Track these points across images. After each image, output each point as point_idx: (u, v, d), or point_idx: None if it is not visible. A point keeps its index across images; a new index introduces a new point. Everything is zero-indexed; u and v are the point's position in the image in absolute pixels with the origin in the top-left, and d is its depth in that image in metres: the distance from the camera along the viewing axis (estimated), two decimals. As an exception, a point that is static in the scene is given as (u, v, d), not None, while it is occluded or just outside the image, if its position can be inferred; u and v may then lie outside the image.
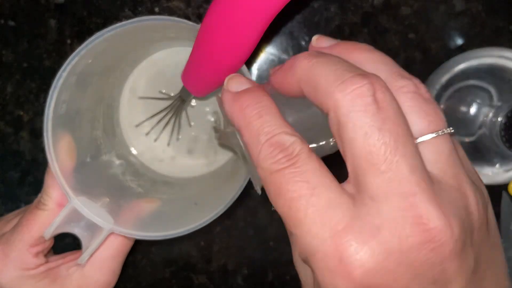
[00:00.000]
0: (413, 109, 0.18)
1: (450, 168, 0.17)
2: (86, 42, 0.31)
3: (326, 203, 0.16)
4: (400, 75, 0.18)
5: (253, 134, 0.19)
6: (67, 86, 0.32)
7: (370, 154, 0.16)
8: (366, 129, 0.16)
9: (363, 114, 0.16)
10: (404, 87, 0.18)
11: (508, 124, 0.35)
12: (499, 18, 0.41)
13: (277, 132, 0.18)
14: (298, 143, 0.18)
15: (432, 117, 0.18)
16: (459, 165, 0.18)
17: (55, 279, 0.33)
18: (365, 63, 0.19)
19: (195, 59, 0.31)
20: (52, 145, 0.31)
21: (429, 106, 0.18)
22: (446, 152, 0.17)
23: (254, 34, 0.27)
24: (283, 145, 0.18)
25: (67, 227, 0.32)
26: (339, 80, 0.17)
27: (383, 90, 0.17)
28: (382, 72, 0.18)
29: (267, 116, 0.19)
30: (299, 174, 0.17)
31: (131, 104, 0.42)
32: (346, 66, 0.18)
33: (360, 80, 0.17)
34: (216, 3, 0.27)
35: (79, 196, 0.31)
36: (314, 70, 0.18)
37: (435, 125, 0.18)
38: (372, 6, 0.41)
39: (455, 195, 0.17)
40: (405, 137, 0.16)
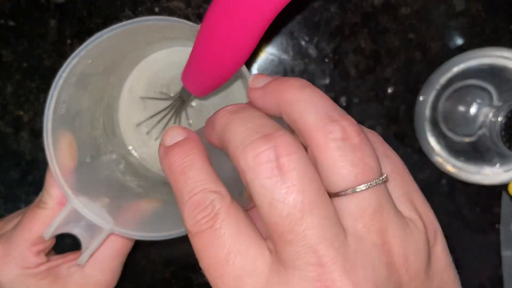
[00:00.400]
0: (338, 160, 0.16)
1: (374, 224, 0.16)
2: (86, 43, 0.31)
3: (240, 271, 0.16)
4: (329, 118, 0.17)
5: (178, 193, 0.18)
6: (67, 86, 0.32)
7: (275, 225, 0.16)
8: (270, 199, 0.16)
9: (266, 183, 0.16)
10: (331, 133, 0.17)
11: (508, 124, 0.35)
12: (499, 18, 0.41)
13: (197, 191, 0.18)
14: (218, 201, 0.17)
15: (359, 169, 0.16)
16: (387, 219, 0.17)
17: (56, 278, 0.33)
18: (294, 104, 0.18)
19: (195, 59, 0.31)
20: (52, 146, 0.31)
21: (357, 155, 0.16)
22: (373, 206, 0.16)
23: (254, 34, 0.27)
24: (202, 205, 0.17)
25: (67, 227, 0.32)
26: (243, 144, 0.16)
27: (287, 153, 0.16)
28: (310, 115, 0.17)
29: (191, 172, 0.18)
30: (216, 239, 0.17)
31: (131, 104, 0.42)
32: (256, 125, 0.17)
33: (263, 144, 0.16)
34: (216, 3, 0.27)
35: (79, 196, 0.31)
36: (226, 130, 0.18)
37: (362, 177, 0.16)
38: (372, 6, 0.41)
39: (376, 254, 0.16)
40: (313, 204, 0.16)
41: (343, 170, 0.16)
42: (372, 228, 0.16)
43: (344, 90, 0.42)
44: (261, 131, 0.17)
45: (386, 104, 0.42)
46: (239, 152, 0.16)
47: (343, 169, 0.16)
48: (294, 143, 0.16)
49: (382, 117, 0.42)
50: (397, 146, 0.42)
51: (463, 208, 0.43)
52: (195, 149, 0.19)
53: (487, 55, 0.39)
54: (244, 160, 0.16)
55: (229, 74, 0.31)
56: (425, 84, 0.41)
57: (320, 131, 0.17)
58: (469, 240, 0.44)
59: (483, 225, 0.43)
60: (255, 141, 0.16)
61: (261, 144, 0.16)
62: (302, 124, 0.17)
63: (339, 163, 0.16)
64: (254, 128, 0.17)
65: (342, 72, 0.42)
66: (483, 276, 0.44)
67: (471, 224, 0.43)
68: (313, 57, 0.41)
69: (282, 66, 0.42)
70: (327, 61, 0.42)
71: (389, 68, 0.41)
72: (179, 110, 0.40)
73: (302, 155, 0.16)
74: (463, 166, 0.41)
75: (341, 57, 0.41)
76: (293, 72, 0.42)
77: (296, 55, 0.41)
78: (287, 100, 0.18)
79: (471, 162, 0.41)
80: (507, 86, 0.40)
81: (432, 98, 0.41)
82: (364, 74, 0.42)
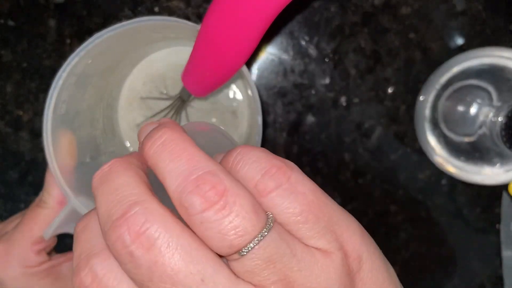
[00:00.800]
0: (208, 234, 0.16)
1: (271, 278, 0.16)
2: (86, 43, 0.31)
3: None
4: (184, 186, 0.16)
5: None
6: (66, 86, 0.32)
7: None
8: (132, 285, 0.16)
9: (127, 268, 0.16)
10: (189, 208, 0.16)
11: (508, 124, 0.35)
12: (499, 18, 0.41)
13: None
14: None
15: (232, 236, 0.16)
16: (284, 266, 0.16)
17: (57, 277, 0.33)
18: (154, 164, 0.17)
19: (195, 60, 0.31)
20: (51, 145, 0.31)
21: (226, 222, 0.16)
22: (260, 263, 0.16)
23: (255, 34, 0.27)
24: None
25: (67, 227, 0.32)
26: (109, 221, 0.16)
27: (141, 241, 0.15)
28: (167, 182, 0.17)
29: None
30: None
31: (131, 104, 0.42)
32: (124, 198, 0.16)
33: (120, 228, 0.16)
34: (216, 3, 0.27)
35: (79, 196, 0.31)
36: (96, 197, 0.17)
37: (239, 242, 0.16)
38: (372, 6, 0.41)
39: None
40: (206, 271, 0.15)
41: (215, 243, 0.16)
42: (271, 282, 0.16)
43: (344, 90, 0.42)
44: (123, 207, 0.16)
45: (386, 104, 0.42)
46: (106, 230, 0.16)
47: (215, 242, 0.16)
48: (156, 220, 0.16)
49: (382, 117, 0.42)
50: (397, 146, 0.42)
51: (463, 208, 0.43)
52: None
53: (487, 55, 0.39)
54: (108, 241, 0.16)
55: (230, 74, 0.31)
56: (425, 84, 0.41)
57: (180, 207, 0.16)
58: (469, 240, 0.44)
59: (483, 225, 0.43)
60: (114, 223, 0.16)
61: (118, 227, 0.16)
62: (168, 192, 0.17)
63: (210, 237, 0.16)
64: (120, 202, 0.16)
65: (342, 72, 0.42)
66: (483, 276, 0.44)
67: (471, 224, 0.43)
68: (313, 57, 0.41)
69: (282, 66, 0.42)
70: (327, 61, 0.41)
71: (389, 68, 0.41)
72: (179, 110, 0.40)
73: (161, 231, 0.16)
74: (463, 166, 0.41)
75: (341, 57, 0.41)
76: (293, 72, 0.42)
77: (296, 55, 0.41)
78: (146, 157, 0.18)
79: (471, 162, 0.41)
80: (507, 86, 0.40)
81: (432, 98, 0.41)
82: (364, 74, 0.42)
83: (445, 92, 0.40)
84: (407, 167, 0.42)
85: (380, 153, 0.42)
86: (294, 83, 0.42)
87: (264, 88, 0.42)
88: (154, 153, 0.17)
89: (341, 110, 0.42)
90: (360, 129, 0.42)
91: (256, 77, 0.42)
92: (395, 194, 0.43)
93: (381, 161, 0.42)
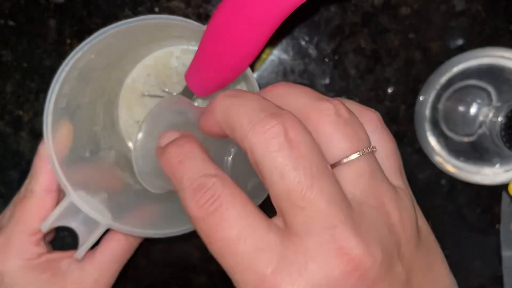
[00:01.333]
0: (333, 132, 0.18)
1: (371, 189, 0.18)
2: (90, 38, 0.31)
3: (253, 247, 0.17)
4: (319, 99, 0.19)
5: (177, 182, 0.19)
6: (68, 80, 0.32)
7: (288, 194, 0.17)
8: (281, 169, 0.17)
9: (276, 155, 0.17)
10: (324, 110, 0.18)
11: (508, 124, 0.35)
12: (499, 18, 0.41)
13: (197, 176, 0.18)
14: (219, 184, 0.18)
15: (353, 139, 0.18)
16: (381, 184, 0.18)
17: (56, 273, 0.33)
18: (285, 96, 0.19)
19: (201, 60, 0.31)
20: (51, 138, 0.31)
21: (349, 128, 0.18)
22: (367, 172, 0.18)
23: (262, 36, 0.27)
24: (204, 188, 0.18)
25: (65, 220, 0.32)
26: (251, 122, 0.17)
27: (294, 128, 0.17)
28: (302, 99, 0.19)
29: (188, 160, 0.19)
30: (224, 220, 0.17)
31: (132, 101, 0.42)
32: (259, 105, 0.18)
33: (271, 120, 0.17)
34: (225, 4, 0.27)
35: (77, 190, 0.31)
36: (229, 111, 0.19)
37: (355, 146, 0.18)
38: (372, 6, 0.41)
39: (377, 216, 0.17)
40: (320, 171, 0.17)
41: (338, 141, 0.18)
42: (370, 192, 0.18)
43: (344, 90, 0.42)
44: (267, 110, 0.18)
45: (386, 104, 0.42)
46: (247, 130, 0.17)
47: (338, 140, 0.18)
48: (298, 120, 0.18)
49: (382, 117, 0.42)
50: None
51: (463, 208, 0.43)
52: (190, 141, 0.20)
53: (487, 55, 0.39)
54: (254, 136, 0.17)
55: (235, 76, 0.31)
56: (425, 84, 0.41)
57: (314, 109, 0.18)
58: (469, 240, 0.44)
59: (483, 225, 0.43)
60: (263, 118, 0.17)
61: (269, 120, 0.17)
62: (300, 104, 0.19)
63: (335, 135, 0.18)
64: (260, 108, 0.18)
65: (342, 72, 0.42)
66: (483, 276, 0.44)
67: (471, 224, 0.43)
68: (313, 57, 0.41)
69: (282, 66, 0.42)
70: (327, 61, 0.42)
71: (389, 68, 0.41)
72: (179, 110, 0.40)
73: (306, 130, 0.17)
74: (463, 166, 0.41)
75: (341, 57, 0.41)
76: (293, 72, 0.42)
77: (296, 55, 0.41)
78: (277, 94, 0.20)
79: (471, 162, 0.41)
80: (507, 86, 0.40)
81: (432, 98, 0.41)
82: (364, 74, 0.42)
83: (445, 92, 0.40)
84: (407, 167, 0.42)
85: (380, 153, 0.42)
86: (294, 83, 0.42)
87: (264, 88, 0.42)
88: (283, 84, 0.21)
89: (341, 110, 0.42)
90: (360, 129, 0.42)
91: (256, 77, 0.42)
92: (395, 194, 0.43)
93: (381, 161, 0.42)
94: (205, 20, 0.41)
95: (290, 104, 0.19)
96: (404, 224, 0.18)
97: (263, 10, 0.25)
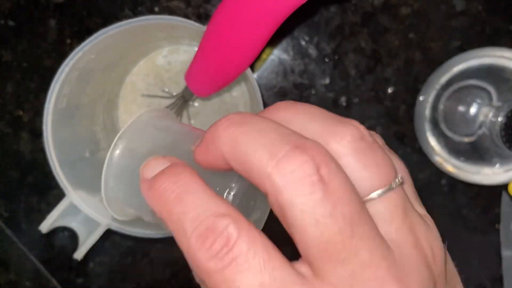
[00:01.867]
0: (360, 162, 0.15)
1: (405, 224, 0.16)
2: (90, 38, 0.31)
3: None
4: (337, 121, 0.16)
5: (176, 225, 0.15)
6: (69, 80, 0.32)
7: (325, 244, 0.14)
8: (315, 216, 0.14)
9: (309, 199, 0.14)
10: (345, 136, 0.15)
11: (508, 124, 0.35)
12: (499, 18, 0.41)
13: (204, 217, 0.15)
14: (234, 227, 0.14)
15: (382, 169, 0.15)
16: (413, 218, 0.16)
17: None
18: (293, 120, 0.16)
19: (201, 60, 0.31)
20: (51, 139, 0.31)
21: (377, 156, 0.16)
22: (401, 206, 0.16)
23: (262, 37, 0.27)
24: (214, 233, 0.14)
25: (64, 221, 0.32)
26: (274, 158, 0.14)
27: (327, 163, 0.14)
28: (315, 123, 0.16)
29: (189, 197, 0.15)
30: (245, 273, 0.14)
31: (132, 101, 0.42)
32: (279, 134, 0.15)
33: (300, 156, 0.14)
34: (225, 4, 0.27)
35: (77, 190, 0.32)
36: (240, 144, 0.15)
37: (385, 177, 0.15)
38: (372, 6, 0.41)
39: (415, 254, 0.15)
40: (359, 214, 0.14)
41: (368, 173, 0.15)
42: (405, 230, 0.16)
43: (344, 90, 0.42)
44: (290, 141, 0.14)
45: (386, 104, 0.42)
46: (269, 168, 0.14)
47: (367, 172, 0.15)
48: (327, 152, 0.15)
49: (382, 117, 0.42)
50: (397, 146, 0.42)
51: (463, 208, 0.43)
52: (187, 170, 0.16)
53: (487, 55, 0.39)
54: (279, 176, 0.14)
55: (234, 76, 0.31)
56: (425, 84, 0.41)
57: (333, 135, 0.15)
58: (469, 240, 0.44)
59: (483, 225, 0.43)
60: (288, 153, 0.14)
61: (296, 156, 0.14)
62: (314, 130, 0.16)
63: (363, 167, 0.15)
64: (280, 138, 0.15)
65: (342, 72, 0.42)
66: (483, 276, 0.44)
67: (471, 224, 0.43)
68: (313, 57, 0.41)
69: (282, 66, 0.42)
70: (327, 61, 0.42)
71: (389, 68, 0.41)
72: (180, 110, 0.40)
73: (338, 165, 0.15)
74: (463, 166, 0.41)
75: (341, 57, 0.41)
76: (293, 72, 0.42)
77: (296, 55, 0.41)
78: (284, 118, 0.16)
79: (471, 162, 0.41)
80: (507, 86, 0.40)
81: (432, 98, 0.41)
82: (364, 74, 0.42)
83: (445, 92, 0.40)
84: (407, 167, 0.42)
85: (380, 153, 0.42)
86: (294, 83, 0.42)
87: (264, 88, 0.42)
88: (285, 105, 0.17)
89: (341, 110, 0.42)
90: (360, 129, 0.42)
91: (256, 77, 0.42)
92: (395, 194, 0.43)
93: (381, 161, 0.42)
94: (205, 20, 0.41)
95: (301, 131, 0.16)
96: (435, 258, 0.16)
97: (263, 11, 0.25)
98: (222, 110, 0.42)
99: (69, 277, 0.44)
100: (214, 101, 0.41)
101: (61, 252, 0.43)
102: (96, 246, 0.35)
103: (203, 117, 0.42)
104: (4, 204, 0.44)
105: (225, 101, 0.41)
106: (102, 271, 0.44)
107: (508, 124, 0.35)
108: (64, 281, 0.44)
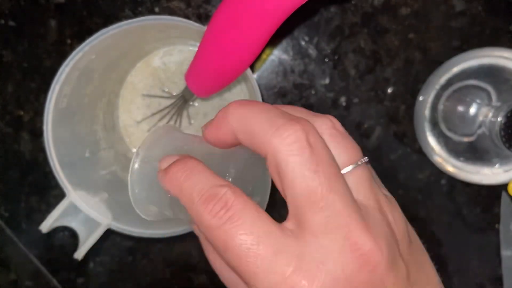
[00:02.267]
0: (334, 145, 0.19)
1: (371, 193, 0.19)
2: (91, 38, 0.31)
3: (272, 250, 0.17)
4: (316, 115, 0.20)
5: (187, 197, 0.19)
6: (69, 80, 0.32)
7: (309, 194, 0.18)
8: (303, 171, 0.18)
9: (300, 158, 0.18)
10: (323, 125, 0.20)
11: (508, 124, 0.35)
12: (499, 18, 0.41)
13: (207, 187, 0.19)
14: (230, 193, 0.18)
15: (351, 150, 0.20)
16: (377, 188, 0.20)
17: None
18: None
19: (200, 60, 0.31)
20: (51, 139, 0.31)
21: (347, 140, 0.20)
22: (366, 179, 0.20)
23: (262, 37, 0.27)
24: (216, 198, 0.18)
25: (65, 221, 0.32)
26: (274, 126, 0.18)
27: (313, 134, 0.18)
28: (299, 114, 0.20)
29: (195, 175, 0.20)
30: (241, 227, 0.18)
31: (132, 101, 0.42)
32: (277, 112, 0.19)
33: (294, 125, 0.18)
34: (225, 5, 0.27)
35: (78, 190, 0.32)
36: (248, 118, 0.19)
37: (354, 156, 0.20)
38: (372, 6, 0.41)
39: (378, 216, 0.19)
40: (336, 175, 0.18)
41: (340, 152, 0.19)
42: (371, 197, 0.19)
43: (344, 90, 0.42)
44: (285, 117, 0.19)
45: (386, 104, 0.42)
46: (270, 134, 0.18)
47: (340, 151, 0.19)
48: (314, 126, 0.19)
49: (382, 117, 0.42)
50: (397, 146, 0.42)
51: (463, 208, 0.43)
52: (192, 160, 0.21)
53: (487, 55, 0.40)
54: (277, 140, 0.18)
55: (234, 77, 0.31)
56: (425, 84, 0.41)
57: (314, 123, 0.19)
58: (469, 240, 0.44)
59: (483, 225, 0.43)
60: (285, 123, 0.18)
61: (292, 125, 0.18)
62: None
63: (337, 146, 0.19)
64: (278, 114, 0.19)
65: (342, 72, 0.42)
66: (483, 276, 0.44)
67: (471, 224, 0.43)
68: (313, 57, 0.42)
69: (282, 66, 0.42)
70: (327, 61, 0.42)
71: (389, 68, 0.41)
72: (181, 110, 0.40)
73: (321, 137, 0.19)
74: (463, 166, 0.41)
75: (341, 57, 0.41)
76: (293, 72, 0.42)
77: (296, 55, 0.42)
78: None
79: (471, 162, 0.41)
80: (506, 86, 0.40)
81: (432, 98, 0.41)
82: (364, 74, 0.42)
83: (445, 92, 0.40)
84: (407, 167, 0.42)
85: (380, 153, 0.42)
86: (294, 83, 0.42)
87: (264, 88, 0.42)
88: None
89: (341, 110, 0.42)
90: (360, 129, 0.42)
91: (256, 77, 0.42)
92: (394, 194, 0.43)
93: (380, 161, 0.42)
94: (205, 20, 0.41)
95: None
96: (397, 225, 0.19)
97: (263, 11, 0.25)
98: (222, 110, 0.42)
99: (69, 277, 0.44)
100: (214, 101, 0.41)
101: (61, 252, 0.43)
102: (96, 246, 0.35)
103: (203, 117, 0.42)
104: (4, 204, 0.44)
105: (225, 101, 0.42)
106: (102, 271, 0.44)
107: (507, 124, 0.35)
108: (64, 281, 0.44)
